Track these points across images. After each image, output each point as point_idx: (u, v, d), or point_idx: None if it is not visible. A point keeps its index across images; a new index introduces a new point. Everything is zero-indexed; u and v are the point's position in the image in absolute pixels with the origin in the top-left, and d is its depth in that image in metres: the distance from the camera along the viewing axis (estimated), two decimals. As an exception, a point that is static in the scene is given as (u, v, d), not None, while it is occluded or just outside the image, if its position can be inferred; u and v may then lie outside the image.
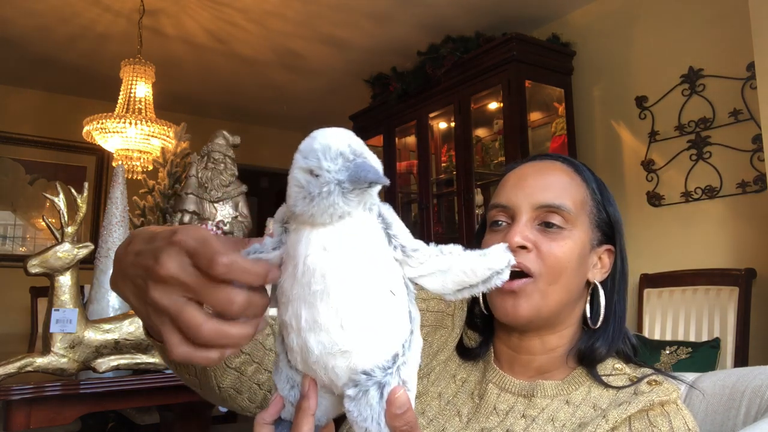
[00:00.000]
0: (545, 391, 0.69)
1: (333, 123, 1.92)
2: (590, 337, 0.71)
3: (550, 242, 0.68)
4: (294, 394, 0.48)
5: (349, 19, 3.28)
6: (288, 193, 0.44)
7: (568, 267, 0.68)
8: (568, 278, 0.68)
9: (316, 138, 0.43)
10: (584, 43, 3.10)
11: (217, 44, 3.56)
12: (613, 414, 0.64)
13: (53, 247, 1.40)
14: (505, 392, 0.71)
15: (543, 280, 0.67)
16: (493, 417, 0.70)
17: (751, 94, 2.37)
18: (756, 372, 0.82)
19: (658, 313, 2.46)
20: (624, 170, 2.87)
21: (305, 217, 0.42)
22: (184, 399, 1.59)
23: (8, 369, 1.33)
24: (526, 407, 0.69)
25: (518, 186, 0.72)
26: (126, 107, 2.88)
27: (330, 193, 0.41)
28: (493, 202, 0.74)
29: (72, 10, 3.13)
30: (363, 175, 0.41)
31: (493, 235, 0.72)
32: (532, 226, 0.69)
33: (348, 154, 0.42)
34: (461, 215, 3.19)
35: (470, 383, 0.74)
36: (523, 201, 0.70)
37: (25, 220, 4.20)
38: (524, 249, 0.67)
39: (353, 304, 0.43)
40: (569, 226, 0.69)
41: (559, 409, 0.67)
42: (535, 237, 0.68)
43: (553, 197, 0.69)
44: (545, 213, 0.69)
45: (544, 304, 0.68)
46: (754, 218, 2.39)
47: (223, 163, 1.96)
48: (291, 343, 0.45)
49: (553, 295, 0.68)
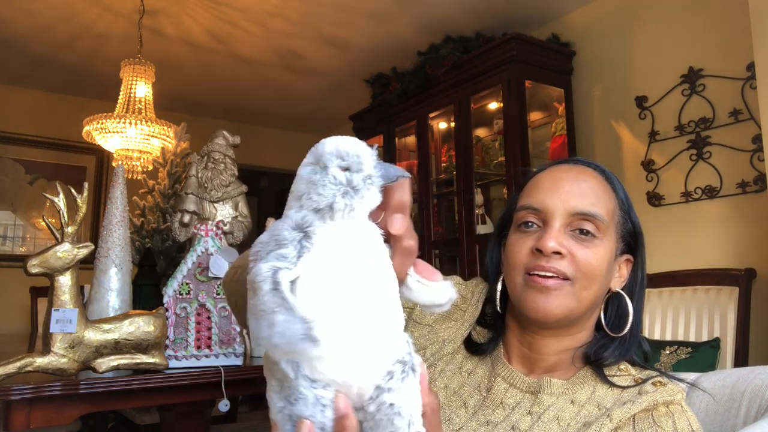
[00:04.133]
0: (551, 389, 0.70)
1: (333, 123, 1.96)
2: (605, 342, 0.72)
3: (584, 249, 0.69)
4: (329, 416, 0.45)
5: (349, 19, 3.28)
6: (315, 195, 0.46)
7: (600, 274, 0.69)
8: (598, 284, 0.70)
9: (340, 142, 0.47)
10: (584, 43, 3.10)
11: (217, 44, 3.56)
12: (617, 413, 0.65)
13: (53, 247, 1.40)
14: (512, 387, 0.72)
15: (579, 284, 0.68)
16: (500, 411, 0.70)
17: (751, 94, 2.37)
18: (756, 372, 0.82)
19: (658, 313, 2.46)
20: (624, 170, 2.87)
21: (345, 212, 0.45)
22: (184, 399, 1.59)
23: (8, 369, 1.33)
24: (532, 404, 0.69)
25: (553, 190, 0.72)
26: (126, 107, 2.88)
27: (372, 185, 0.46)
28: (524, 204, 0.74)
29: (72, 10, 3.13)
30: (393, 171, 0.47)
31: (523, 236, 0.72)
32: (565, 232, 0.70)
33: (372, 156, 0.47)
34: (461, 215, 3.19)
35: (477, 375, 0.75)
36: (559, 206, 0.70)
37: (25, 220, 4.20)
38: (558, 254, 0.68)
39: (393, 291, 0.47)
40: (601, 235, 0.70)
41: (564, 409, 0.68)
42: (569, 243, 0.69)
43: (589, 205, 0.70)
44: (580, 220, 0.70)
45: (576, 307, 0.69)
46: (754, 218, 2.39)
47: (223, 163, 1.96)
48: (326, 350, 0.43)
49: (585, 299, 0.69)
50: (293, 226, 0.46)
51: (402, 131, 3.81)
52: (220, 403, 1.53)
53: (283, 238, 0.45)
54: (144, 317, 1.47)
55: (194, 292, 1.56)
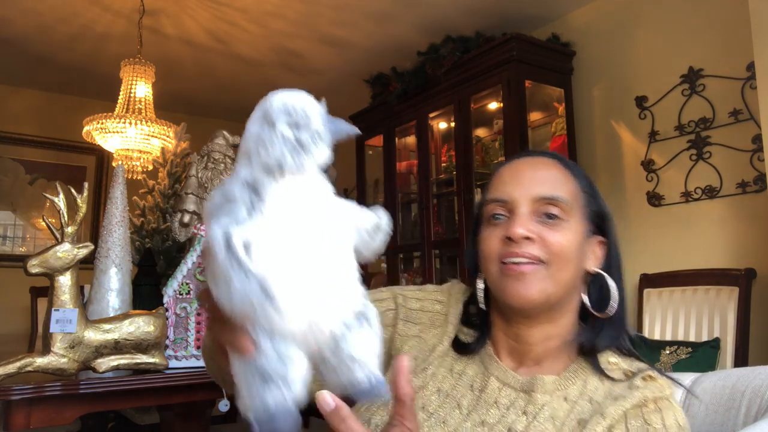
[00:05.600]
0: (545, 386, 0.71)
1: (333, 123, 1.84)
2: (596, 328, 0.74)
3: (553, 232, 0.71)
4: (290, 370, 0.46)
5: (349, 19, 3.28)
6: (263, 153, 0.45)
7: (572, 254, 0.71)
8: (573, 265, 0.72)
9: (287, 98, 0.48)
10: (584, 43, 3.10)
11: (217, 44, 3.56)
12: (609, 411, 0.66)
13: (53, 247, 1.40)
14: (506, 387, 0.73)
15: (553, 267, 0.70)
16: (494, 411, 0.71)
17: (751, 94, 2.37)
18: (756, 372, 0.82)
19: (658, 313, 2.46)
20: (624, 170, 2.87)
21: (294, 169, 0.45)
22: (184, 399, 1.59)
23: (8, 369, 1.33)
24: (527, 403, 0.70)
25: (515, 180, 0.75)
26: (126, 107, 2.88)
27: (321, 141, 0.46)
28: (490, 197, 0.76)
29: (72, 10, 3.13)
30: (342, 128, 0.47)
31: (493, 228, 0.74)
32: (532, 218, 0.72)
33: (322, 112, 0.48)
34: (461, 215, 3.19)
35: (468, 376, 0.76)
36: (522, 194, 0.73)
37: (25, 220, 4.20)
38: (528, 240, 0.70)
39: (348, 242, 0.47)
40: (566, 217, 0.72)
41: (559, 407, 0.69)
42: (537, 228, 0.71)
43: (551, 189, 0.72)
44: (544, 205, 0.72)
45: (553, 289, 0.70)
46: (754, 218, 2.39)
47: (223, 163, 1.96)
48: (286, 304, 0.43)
49: (561, 280, 0.71)
50: (243, 184, 0.46)
51: (402, 131, 3.81)
52: (220, 403, 1.53)
53: (234, 198, 0.45)
54: (144, 317, 1.47)
55: (194, 292, 1.57)
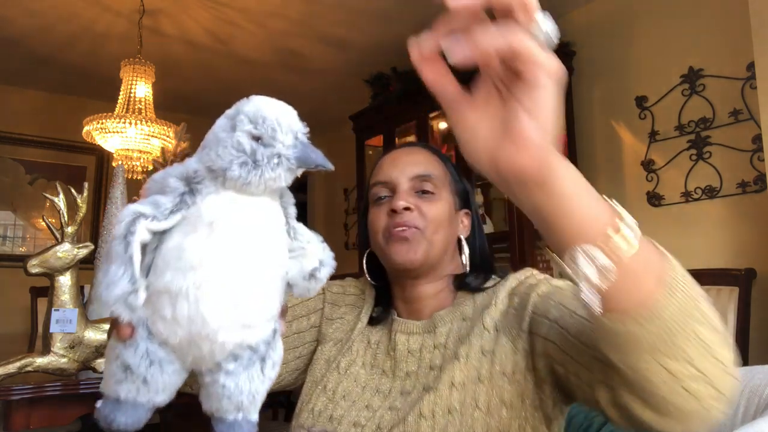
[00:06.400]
0: (443, 319, 0.82)
1: (333, 123, 1.97)
2: (466, 275, 0.87)
3: (428, 204, 0.84)
4: (152, 373, 0.44)
5: (349, 19, 3.28)
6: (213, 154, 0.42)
7: (444, 221, 0.85)
8: (445, 230, 0.85)
9: (264, 106, 0.43)
10: (584, 43, 3.10)
11: (217, 44, 3.56)
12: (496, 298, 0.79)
13: (53, 247, 1.40)
14: (411, 335, 0.83)
15: (429, 231, 0.82)
16: (411, 359, 0.81)
17: (751, 94, 2.37)
18: (755, 371, 0.82)
19: (658, 313, 2.46)
20: (624, 170, 2.87)
21: (238, 183, 0.41)
22: (184, 399, 1.59)
23: (8, 369, 1.33)
24: (434, 339, 0.81)
25: (394, 164, 0.88)
26: (126, 107, 2.88)
27: (278, 165, 0.42)
28: (374, 181, 0.89)
29: (72, 10, 3.13)
30: (313, 157, 0.43)
31: (379, 207, 0.86)
32: (411, 194, 0.85)
33: (299, 132, 0.43)
34: (461, 215, 3.19)
35: (384, 342, 0.86)
36: (400, 174, 0.86)
37: (25, 220, 4.20)
38: (408, 210, 0.82)
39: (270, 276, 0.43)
40: (438, 191, 0.86)
41: (461, 328, 0.80)
42: (415, 201, 0.84)
43: (424, 169, 0.87)
44: (419, 182, 0.85)
45: (431, 250, 0.83)
46: (754, 218, 2.39)
47: (223, 163, 1.96)
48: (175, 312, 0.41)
49: (437, 242, 0.83)
50: (183, 176, 0.43)
51: (402, 131, 3.81)
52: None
53: (168, 185, 0.42)
54: (144, 317, 1.47)
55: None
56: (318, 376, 0.86)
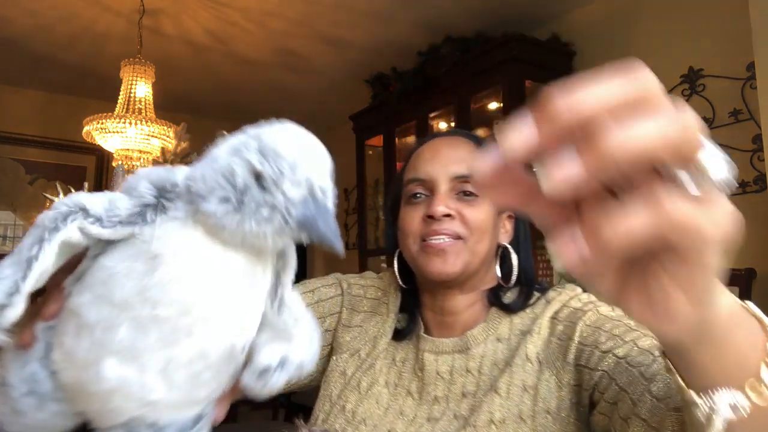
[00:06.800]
0: (476, 338, 0.74)
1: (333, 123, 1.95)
2: (504, 290, 0.78)
3: (471, 208, 0.75)
4: (26, 405, 0.34)
5: (349, 19, 3.28)
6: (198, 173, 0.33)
7: (489, 228, 0.76)
8: (489, 238, 0.76)
9: (286, 140, 0.33)
10: (584, 43, 3.10)
11: (217, 44, 3.56)
12: (537, 324, 0.71)
13: (53, 247, 1.40)
14: (440, 354, 0.75)
15: (471, 240, 0.74)
16: (440, 383, 0.73)
17: (751, 94, 2.37)
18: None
19: (658, 313, 2.46)
20: (624, 170, 2.87)
21: (209, 221, 0.32)
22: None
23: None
24: (466, 361, 0.73)
25: (434, 159, 0.78)
26: (126, 107, 2.88)
27: (267, 220, 0.31)
28: (410, 177, 0.79)
29: (72, 10, 3.13)
30: (321, 227, 0.31)
31: (413, 207, 0.77)
32: (451, 196, 0.76)
33: (318, 188, 0.32)
34: (461, 215, 3.19)
35: (410, 361, 0.78)
36: (441, 173, 0.76)
37: (25, 220, 4.20)
38: (448, 217, 0.74)
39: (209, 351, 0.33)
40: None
41: (496, 350, 0.72)
42: (456, 205, 0.75)
43: (467, 168, 0.76)
44: (462, 183, 0.76)
45: (472, 260, 0.75)
46: (754, 218, 2.39)
47: (223, 163, 1.96)
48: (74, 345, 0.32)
49: (479, 252, 0.75)
50: (159, 184, 0.34)
51: (402, 131, 3.81)
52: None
53: (137, 188, 0.34)
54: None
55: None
56: (335, 393, 0.78)
